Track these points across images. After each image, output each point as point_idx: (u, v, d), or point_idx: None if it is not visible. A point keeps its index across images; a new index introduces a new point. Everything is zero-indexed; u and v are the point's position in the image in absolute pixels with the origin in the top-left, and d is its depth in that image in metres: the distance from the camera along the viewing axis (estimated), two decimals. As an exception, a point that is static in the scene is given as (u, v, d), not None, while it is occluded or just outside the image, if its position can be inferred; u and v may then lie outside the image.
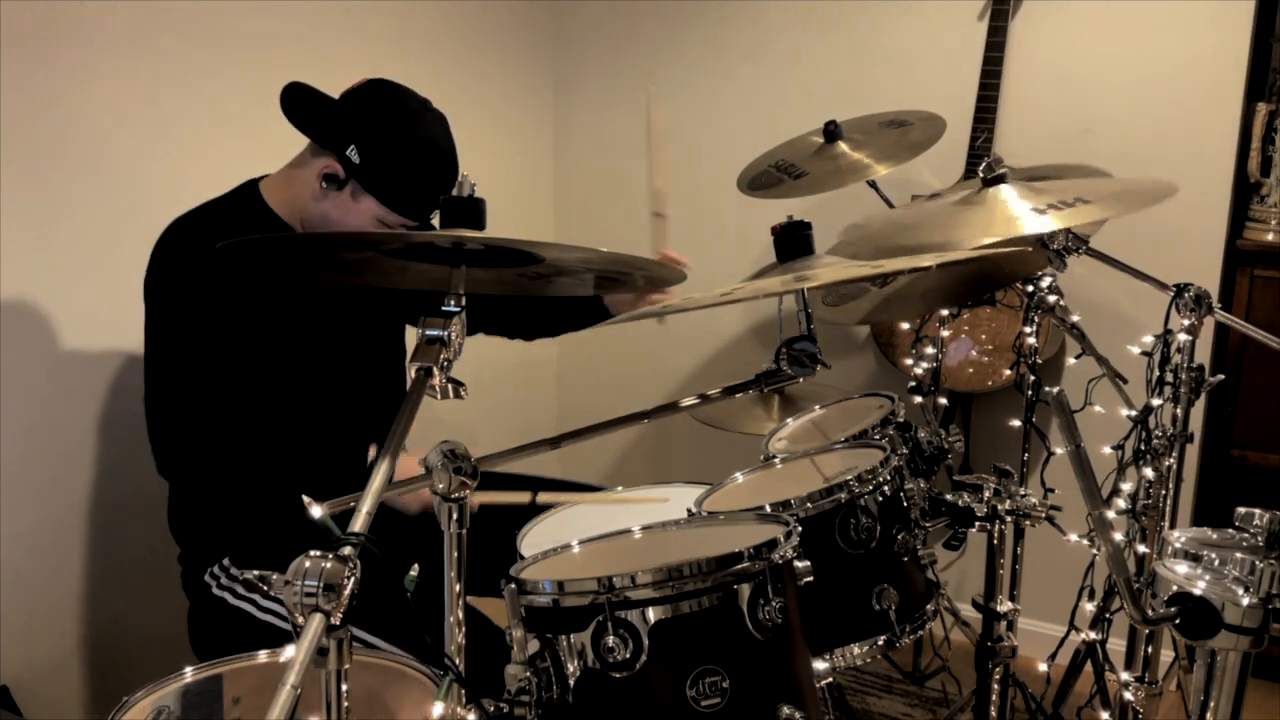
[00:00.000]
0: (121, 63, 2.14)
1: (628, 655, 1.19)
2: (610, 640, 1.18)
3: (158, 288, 1.77)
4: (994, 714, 1.72)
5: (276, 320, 1.81)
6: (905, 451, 1.65)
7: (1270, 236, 2.58)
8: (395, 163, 1.75)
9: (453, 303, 1.19)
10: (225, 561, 1.80)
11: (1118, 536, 1.73)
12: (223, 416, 1.75)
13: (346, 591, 0.92)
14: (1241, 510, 1.18)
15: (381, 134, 1.75)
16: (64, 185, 2.08)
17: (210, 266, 1.72)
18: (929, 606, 1.58)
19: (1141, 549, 1.99)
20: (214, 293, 1.73)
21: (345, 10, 1.84)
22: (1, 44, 1.94)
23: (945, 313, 2.32)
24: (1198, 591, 1.12)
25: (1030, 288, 1.93)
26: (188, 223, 1.79)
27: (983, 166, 1.75)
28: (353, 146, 1.74)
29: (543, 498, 1.86)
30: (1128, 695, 2.04)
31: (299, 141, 1.82)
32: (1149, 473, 1.95)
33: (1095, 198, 1.65)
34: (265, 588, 0.94)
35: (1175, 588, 1.14)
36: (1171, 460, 1.98)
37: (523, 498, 1.87)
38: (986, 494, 1.65)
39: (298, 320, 1.84)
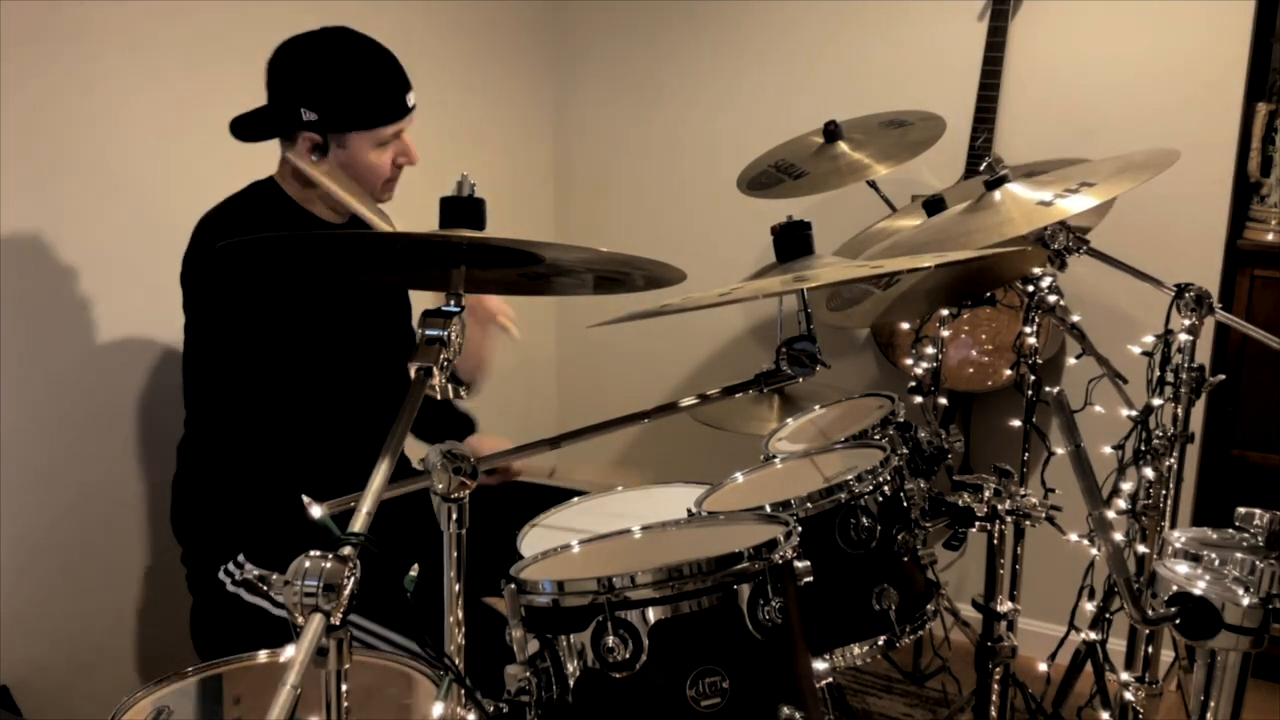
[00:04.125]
0: (121, 62, 2.14)
1: (627, 655, 1.19)
2: (610, 640, 1.18)
3: (199, 279, 1.79)
4: (994, 714, 1.72)
5: (298, 313, 1.82)
6: (905, 451, 1.65)
7: (1270, 236, 2.58)
8: (343, 84, 1.77)
9: (452, 303, 1.19)
10: (240, 559, 1.80)
11: (1118, 536, 1.73)
12: (260, 400, 1.78)
13: (346, 591, 0.92)
14: (1241, 510, 1.18)
15: (315, 77, 1.77)
16: (64, 184, 2.08)
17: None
18: (929, 606, 1.58)
19: (1141, 549, 1.99)
20: (250, 282, 1.75)
21: (345, 10, 1.84)
22: (1, 43, 1.94)
23: (945, 313, 2.32)
24: (1198, 591, 1.12)
25: (1030, 288, 1.93)
26: (220, 215, 1.81)
27: (984, 167, 1.75)
28: (302, 109, 1.76)
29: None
30: (1128, 695, 2.04)
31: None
32: (1149, 473, 1.95)
33: (1098, 178, 1.65)
34: (265, 588, 0.94)
35: (1175, 588, 1.14)
36: (1172, 460, 1.98)
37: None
38: (986, 494, 1.65)
39: (314, 315, 1.85)
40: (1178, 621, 1.13)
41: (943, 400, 2.43)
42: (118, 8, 2.12)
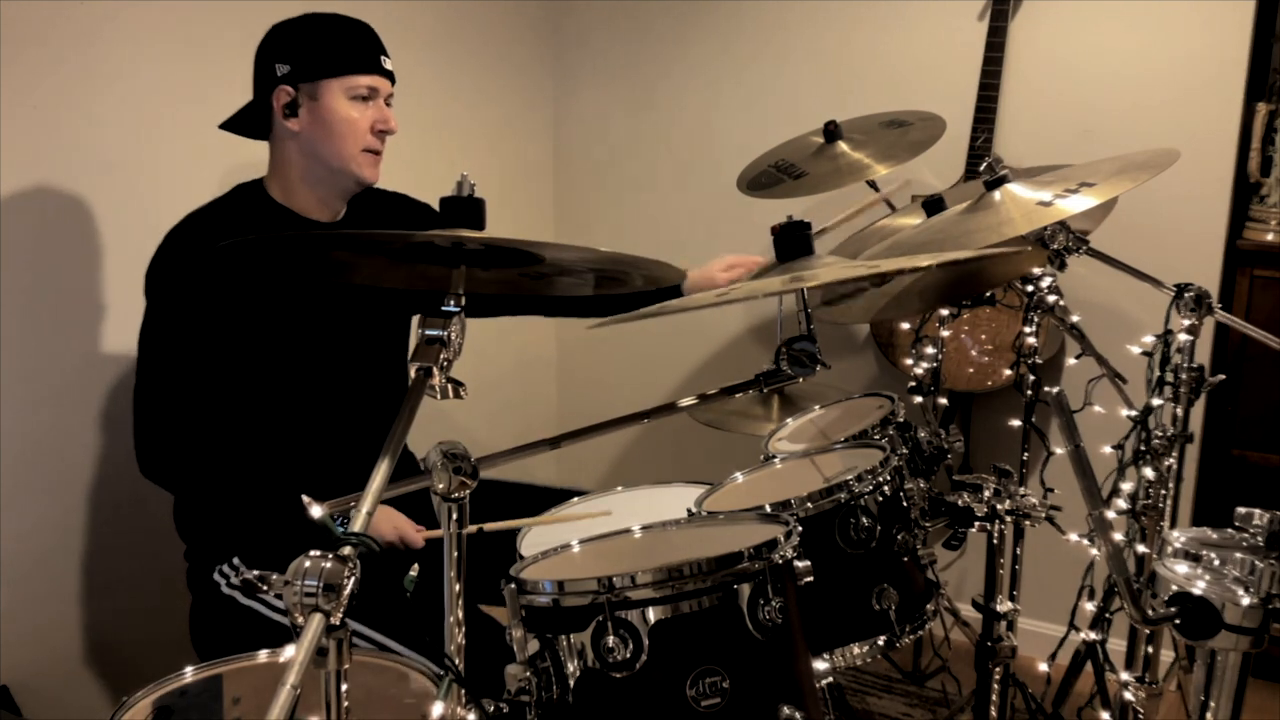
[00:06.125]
0: (122, 63, 2.14)
1: (628, 655, 1.19)
2: (610, 640, 1.18)
3: (156, 285, 1.77)
4: (994, 714, 1.72)
5: (277, 319, 1.81)
6: (905, 451, 1.65)
7: (1270, 236, 2.58)
8: (315, 35, 1.79)
9: (452, 303, 1.19)
10: (235, 560, 1.80)
11: (1118, 536, 1.74)
12: (209, 417, 1.75)
13: (346, 591, 0.92)
14: (1241, 510, 1.18)
15: (289, 34, 1.79)
16: (65, 184, 2.08)
17: (210, 266, 1.72)
18: (929, 606, 1.58)
19: (1141, 549, 1.99)
20: (211, 292, 1.73)
21: (346, 11, 1.84)
22: (1, 43, 1.94)
23: (945, 312, 2.32)
24: (1198, 591, 1.12)
25: (1030, 288, 1.93)
26: (192, 222, 1.79)
27: (984, 167, 1.75)
28: (276, 65, 1.77)
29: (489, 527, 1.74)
30: (1128, 695, 2.04)
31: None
32: (1149, 473, 1.95)
33: (1098, 178, 1.65)
34: (265, 588, 0.94)
35: (1175, 588, 1.14)
36: (1171, 460, 1.98)
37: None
38: (986, 494, 1.65)
39: (299, 318, 1.84)
40: (1178, 621, 1.13)
41: (943, 400, 2.43)
42: (124, 7, 2.12)
